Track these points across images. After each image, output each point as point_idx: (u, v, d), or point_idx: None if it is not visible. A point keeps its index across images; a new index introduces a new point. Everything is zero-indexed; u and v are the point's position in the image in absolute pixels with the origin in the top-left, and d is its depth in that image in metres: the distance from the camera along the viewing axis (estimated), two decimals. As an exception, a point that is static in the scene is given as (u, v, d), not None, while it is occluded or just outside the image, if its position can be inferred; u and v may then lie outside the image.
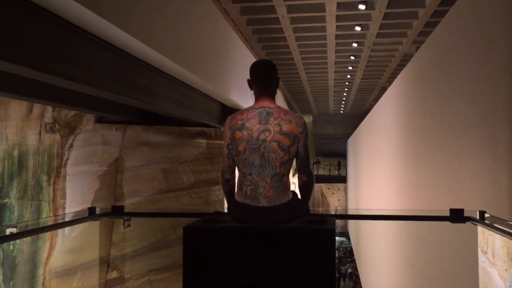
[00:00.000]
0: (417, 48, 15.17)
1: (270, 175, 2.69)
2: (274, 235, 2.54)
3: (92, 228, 5.67)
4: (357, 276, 20.39)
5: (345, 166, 33.95)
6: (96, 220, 3.65)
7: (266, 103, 2.82)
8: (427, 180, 6.19)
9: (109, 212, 3.69)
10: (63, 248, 6.59)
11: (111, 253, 6.94)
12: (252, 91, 2.91)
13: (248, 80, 2.92)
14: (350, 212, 4.31)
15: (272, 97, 2.86)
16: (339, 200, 37.06)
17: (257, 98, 2.87)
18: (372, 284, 13.05)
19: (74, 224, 3.41)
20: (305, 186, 2.85)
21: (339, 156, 35.25)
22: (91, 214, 3.56)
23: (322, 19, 13.29)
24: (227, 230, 2.61)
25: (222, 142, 8.00)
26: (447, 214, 3.52)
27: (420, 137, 6.84)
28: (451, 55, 5.40)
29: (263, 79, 2.86)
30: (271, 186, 2.68)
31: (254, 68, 2.90)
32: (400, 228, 8.05)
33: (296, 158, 2.80)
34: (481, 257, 3.62)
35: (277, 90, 2.92)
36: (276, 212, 2.66)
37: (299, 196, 2.86)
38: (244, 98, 9.37)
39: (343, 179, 33.87)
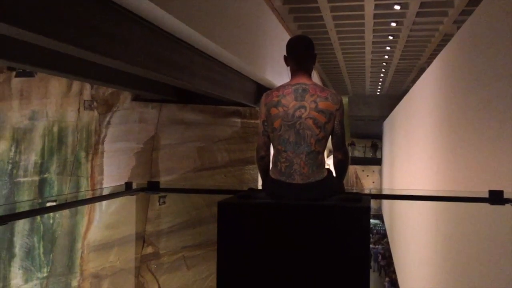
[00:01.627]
0: (458, 27, 14.76)
1: (305, 152, 2.68)
2: (308, 212, 2.54)
3: (128, 204, 5.79)
4: (390, 257, 20.32)
5: (381, 148, 33.57)
6: (133, 195, 3.73)
7: (302, 79, 2.79)
8: (465, 162, 6.08)
9: (145, 188, 3.76)
10: (100, 223, 6.76)
11: (147, 229, 7.09)
12: (288, 68, 2.89)
13: (284, 56, 2.89)
14: (385, 192, 4.27)
15: (308, 73, 2.83)
16: (373, 182, 36.77)
17: (293, 74, 2.85)
18: (405, 266, 12.97)
19: (112, 198, 3.50)
20: (340, 164, 2.85)
21: (375, 138, 34.86)
22: (128, 189, 3.63)
23: (360, -3, 13.06)
24: (261, 206, 2.62)
25: (257, 122, 8.04)
26: (486, 195, 3.46)
27: (459, 119, 6.71)
28: (493, 35, 5.24)
29: (300, 55, 2.83)
30: (306, 163, 2.68)
31: (291, 44, 2.88)
32: (436, 210, 7.95)
33: (332, 135, 2.78)
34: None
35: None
36: (311, 189, 2.66)
37: (334, 174, 2.85)
38: (279, 78, 9.34)
39: (378, 161, 33.52)
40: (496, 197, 3.44)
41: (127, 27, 4.37)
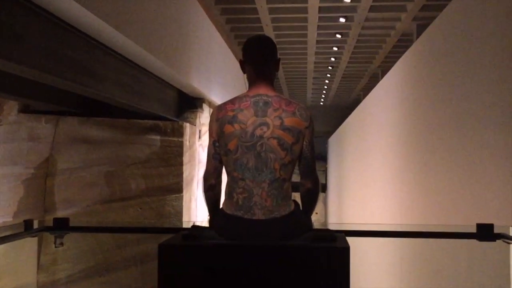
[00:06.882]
0: (418, 26, 15.45)
1: (268, 180, 2.72)
2: (275, 255, 2.57)
3: (12, 248, 5.57)
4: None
5: (325, 172, 34.27)
6: (34, 236, 3.62)
7: (263, 90, 2.85)
8: (439, 190, 6.32)
9: (50, 226, 3.67)
10: (-25, 274, 6.47)
11: (39, 279, 6.85)
12: (245, 75, 2.93)
13: (240, 60, 2.94)
14: (362, 228, 4.34)
15: (270, 82, 2.90)
16: (316, 213, 37.41)
17: (252, 83, 2.90)
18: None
19: (8, 242, 3.37)
20: (309, 195, 2.91)
21: (319, 158, 35.58)
22: (28, 228, 3.52)
23: (304, -15, 13.42)
24: (214, 249, 2.63)
25: (179, 140, 8.03)
26: (473, 230, 3.62)
27: (429, 137, 6.98)
28: (469, 35, 5.52)
29: (260, 60, 2.90)
30: (268, 194, 2.72)
31: (249, 46, 2.94)
32: (401, 249, 8.20)
33: (300, 159, 2.85)
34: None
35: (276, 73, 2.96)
36: (275, 226, 2.69)
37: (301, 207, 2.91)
38: (207, 84, 9.39)
39: (322, 188, 34.18)
40: (485, 232, 3.61)
41: (20, 17, 4.25)
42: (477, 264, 4.71)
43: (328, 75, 25.56)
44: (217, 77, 10.48)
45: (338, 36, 17.94)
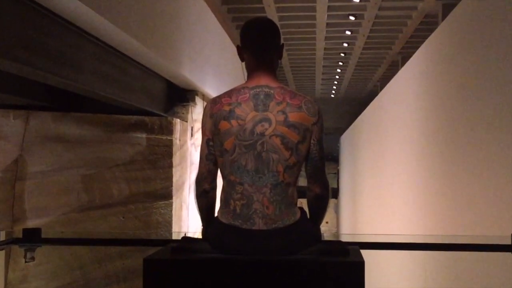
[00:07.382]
0: (444, 6, 15.44)
1: (269, 184, 2.73)
2: (278, 271, 2.57)
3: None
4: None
5: (337, 174, 34.31)
6: (1, 249, 3.64)
7: (264, 80, 2.86)
8: (469, 195, 6.31)
9: (19, 238, 3.67)
10: None
11: (7, 300, 6.86)
12: (244, 63, 2.94)
13: (238, 46, 2.95)
14: (379, 239, 4.34)
15: (272, 72, 2.91)
16: (326, 222, 37.47)
17: (251, 73, 2.91)
18: None
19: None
20: (318, 201, 2.91)
21: (329, 159, 35.60)
22: (-7, 240, 3.54)
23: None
24: (208, 264, 2.63)
25: (169, 138, 8.03)
26: (508, 242, 3.62)
27: (457, 135, 6.97)
28: (503, 15, 5.50)
29: (261, 46, 2.91)
30: (270, 201, 2.72)
31: (248, 30, 2.94)
32: (424, 263, 8.20)
33: (307, 160, 2.85)
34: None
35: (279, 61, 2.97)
36: (278, 237, 2.70)
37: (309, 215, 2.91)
38: (201, 74, 9.39)
39: (333, 193, 34.24)
40: (521, 244, 3.60)
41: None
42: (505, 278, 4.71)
43: (340, 63, 25.55)
44: (212, 66, 10.48)
45: (352, 18, 17.92)
